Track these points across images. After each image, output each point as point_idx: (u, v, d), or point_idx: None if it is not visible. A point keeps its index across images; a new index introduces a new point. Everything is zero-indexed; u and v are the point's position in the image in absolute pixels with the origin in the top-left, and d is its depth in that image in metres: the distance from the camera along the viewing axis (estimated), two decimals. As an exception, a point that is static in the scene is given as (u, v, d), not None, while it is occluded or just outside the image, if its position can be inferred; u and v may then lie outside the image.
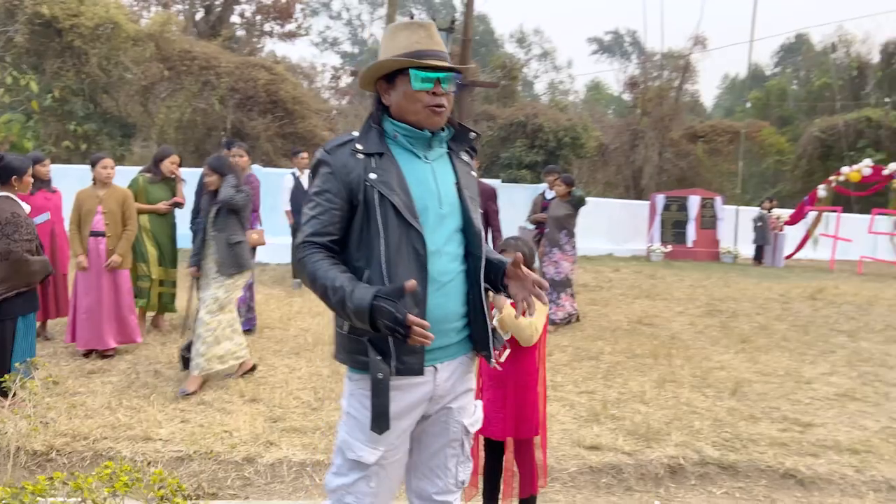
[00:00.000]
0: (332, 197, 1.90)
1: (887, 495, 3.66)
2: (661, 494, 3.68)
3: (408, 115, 1.92)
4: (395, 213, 1.86)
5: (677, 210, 15.52)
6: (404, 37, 1.93)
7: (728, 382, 5.40)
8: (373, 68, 1.94)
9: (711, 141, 19.91)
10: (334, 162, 1.91)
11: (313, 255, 1.88)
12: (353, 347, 1.92)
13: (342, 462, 1.96)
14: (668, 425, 4.39)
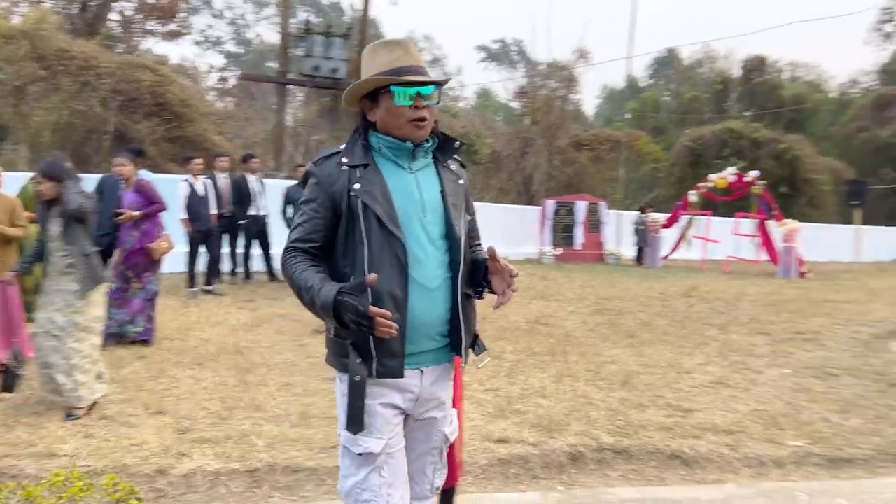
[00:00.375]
0: (316, 206, 2.00)
1: (758, 470, 4.11)
2: (564, 480, 3.95)
3: (393, 130, 2.00)
4: (377, 221, 1.95)
5: (566, 214, 16.31)
6: (384, 55, 2.02)
7: (618, 375, 5.82)
8: (356, 88, 2.03)
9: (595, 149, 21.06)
10: (320, 173, 2.02)
11: (294, 258, 2.00)
12: (338, 350, 2.02)
13: (350, 462, 2.01)
14: (568, 416, 4.70)
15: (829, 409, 5.12)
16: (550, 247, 15.93)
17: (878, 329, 8.49)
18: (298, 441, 4.10)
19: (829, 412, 5.05)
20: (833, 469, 4.10)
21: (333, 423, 4.41)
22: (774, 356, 6.85)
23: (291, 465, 3.81)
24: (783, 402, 5.28)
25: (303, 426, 4.37)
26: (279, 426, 4.34)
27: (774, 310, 9.71)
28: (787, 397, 5.42)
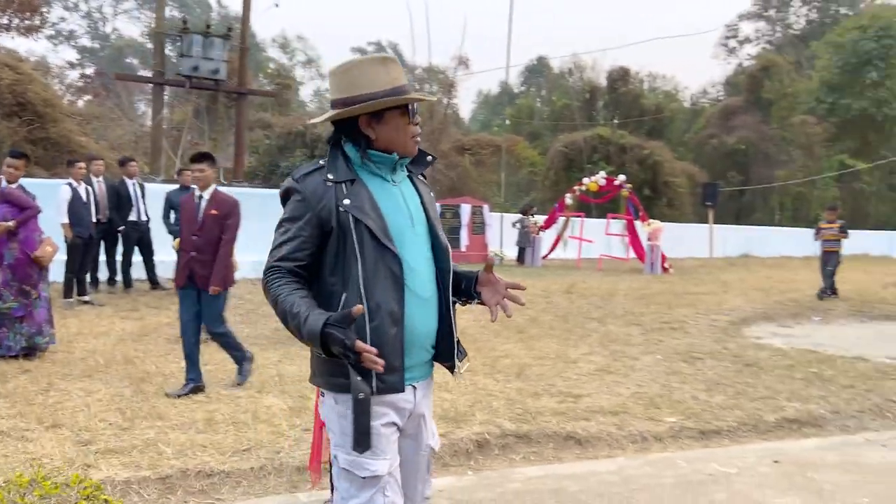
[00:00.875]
0: (302, 224, 1.93)
1: (642, 444, 4.54)
2: (472, 465, 4.20)
3: (397, 147, 1.99)
4: (370, 235, 1.92)
5: (451, 217, 16.75)
6: (382, 73, 1.99)
7: (513, 367, 6.18)
8: (374, 104, 1.95)
9: (477, 153, 21.75)
10: (305, 189, 1.94)
11: (278, 279, 1.91)
12: (331, 370, 1.92)
13: (350, 485, 1.93)
14: (472, 407, 4.97)
15: (697, 389, 5.72)
16: (437, 248, 16.31)
17: (732, 317, 9.49)
18: (208, 446, 4.08)
19: (697, 391, 5.65)
20: (704, 440, 4.62)
21: (243, 428, 4.42)
22: (647, 344, 7.51)
23: (204, 470, 3.80)
24: (658, 384, 5.84)
25: (210, 432, 4.34)
26: (186, 433, 4.29)
27: (644, 303, 10.55)
28: (661, 380, 5.99)
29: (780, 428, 4.84)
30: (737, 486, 3.57)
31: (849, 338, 8.25)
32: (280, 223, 1.97)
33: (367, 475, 1.90)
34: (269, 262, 1.94)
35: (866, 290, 12.57)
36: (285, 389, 5.40)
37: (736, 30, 48.16)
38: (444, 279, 2.06)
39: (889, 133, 33.58)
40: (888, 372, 6.40)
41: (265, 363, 6.11)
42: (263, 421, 4.61)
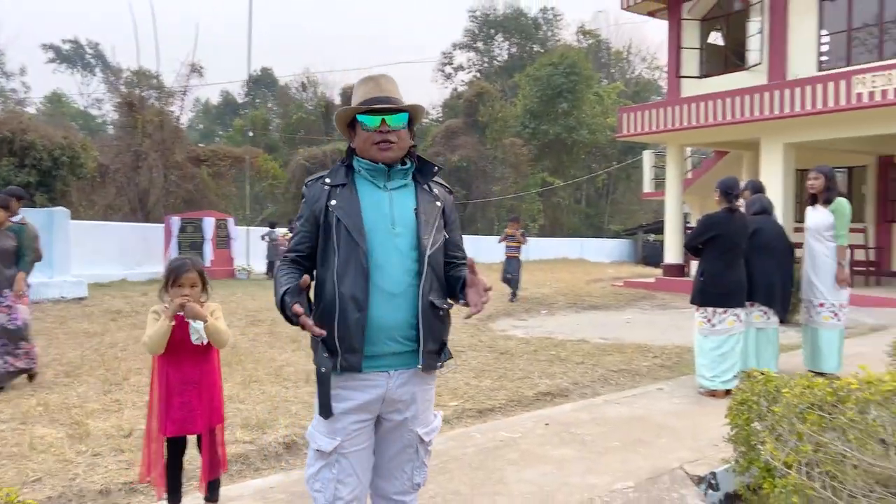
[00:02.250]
0: (304, 221, 2.28)
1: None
2: (283, 466, 4.33)
3: (366, 154, 2.25)
4: (346, 232, 2.17)
5: (193, 231, 15.95)
6: (361, 90, 2.32)
7: (299, 374, 6.33)
8: (337, 120, 2.34)
9: (215, 165, 20.89)
10: (308, 192, 2.29)
11: (283, 267, 2.25)
12: (313, 346, 2.22)
13: (311, 454, 2.23)
14: (272, 414, 5.05)
15: (468, 376, 6.45)
16: (179, 265, 15.41)
17: (478, 315, 10.62)
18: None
19: (468, 378, 6.38)
20: (483, 417, 5.28)
21: (21, 461, 4.05)
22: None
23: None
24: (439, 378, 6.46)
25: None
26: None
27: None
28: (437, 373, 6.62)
29: (538, 400, 5.72)
30: (523, 447, 4.25)
31: (571, 325, 9.82)
32: (294, 220, 2.43)
33: (316, 447, 2.19)
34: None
35: (575, 286, 14.88)
36: (55, 418, 4.94)
37: (451, 57, 52.79)
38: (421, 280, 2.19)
39: (577, 156, 39.60)
40: (605, 349, 7.82)
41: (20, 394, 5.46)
42: (42, 451, 4.22)
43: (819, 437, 2.74)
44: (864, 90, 10.80)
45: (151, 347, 3.03)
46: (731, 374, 5.39)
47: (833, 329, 6.02)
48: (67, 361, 6.82)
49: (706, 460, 3.96)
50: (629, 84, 48.16)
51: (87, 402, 5.34)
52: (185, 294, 3.04)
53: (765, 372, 3.45)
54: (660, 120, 13.95)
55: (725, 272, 5.29)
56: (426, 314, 2.18)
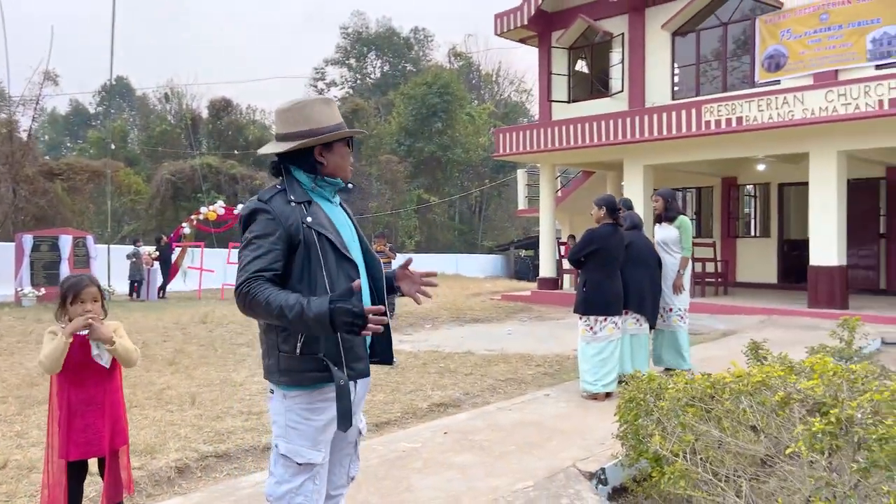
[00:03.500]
0: (275, 240, 2.15)
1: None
2: (176, 491, 4.16)
3: (340, 172, 2.33)
4: (331, 248, 2.21)
5: (49, 250, 14.75)
6: (329, 111, 2.33)
7: (183, 397, 6.07)
8: (325, 137, 2.27)
9: (70, 179, 19.42)
10: (274, 209, 2.19)
11: (262, 285, 2.08)
12: (305, 367, 2.15)
13: (284, 471, 2.20)
14: (159, 438, 4.82)
15: (360, 391, 6.47)
16: (31, 287, 14.18)
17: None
18: None
19: (361, 393, 6.40)
20: (379, 430, 5.32)
21: None
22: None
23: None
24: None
25: None
26: None
27: (283, 325, 11.05)
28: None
29: (432, 411, 5.85)
30: (426, 455, 4.35)
31: (456, 338, 10.06)
32: (250, 241, 2.17)
33: (303, 462, 2.19)
34: (245, 275, 2.10)
35: (456, 301, 15.22)
36: None
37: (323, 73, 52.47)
38: (378, 287, 2.39)
39: (451, 173, 40.56)
40: (491, 360, 8.11)
41: None
42: None
43: (700, 427, 3.07)
44: (711, 118, 11.97)
45: (48, 367, 2.86)
46: (610, 377, 5.79)
47: (682, 330, 6.68)
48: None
49: (595, 458, 4.24)
50: (499, 105, 50.05)
51: (-56, 437, 4.84)
52: (87, 310, 2.90)
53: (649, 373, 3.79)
54: (533, 141, 14.67)
55: (606, 283, 5.70)
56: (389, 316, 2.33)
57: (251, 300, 2.08)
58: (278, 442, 2.23)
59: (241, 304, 2.12)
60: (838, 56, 12.25)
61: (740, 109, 11.59)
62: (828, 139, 11.24)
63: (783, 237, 16.03)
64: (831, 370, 2.72)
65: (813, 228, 11.66)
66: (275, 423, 2.26)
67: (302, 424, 2.19)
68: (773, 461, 2.95)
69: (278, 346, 2.19)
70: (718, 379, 3.16)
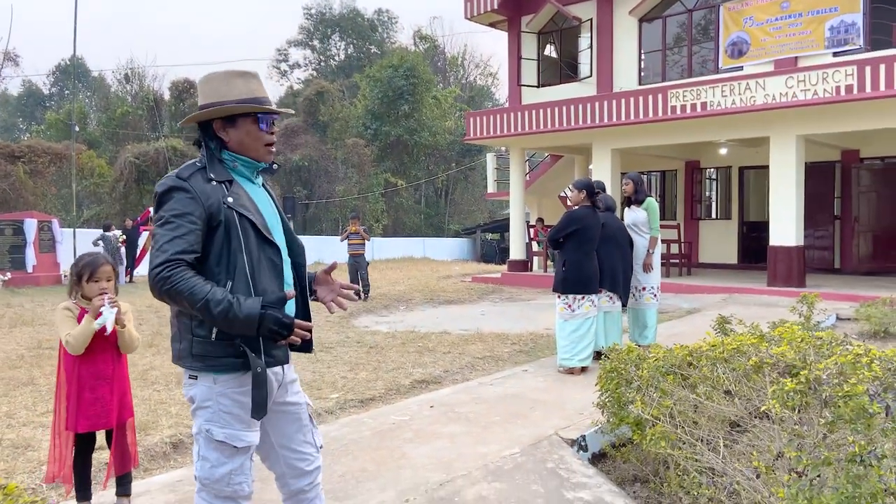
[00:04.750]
0: (194, 219, 2.03)
1: (319, 419, 5.20)
2: (172, 465, 4.27)
3: (249, 152, 2.19)
4: (253, 230, 2.12)
5: (13, 234, 14.47)
6: (241, 84, 2.17)
7: (168, 377, 6.15)
8: (219, 110, 2.13)
9: (31, 161, 18.96)
10: (193, 188, 2.06)
11: (184, 272, 1.98)
12: (221, 352, 2.08)
13: (220, 454, 2.13)
14: (152, 416, 4.92)
15: (343, 370, 6.61)
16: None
17: (339, 313, 10.76)
18: None
19: (344, 372, 6.54)
20: (365, 406, 5.49)
21: None
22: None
23: None
24: (310, 372, 6.54)
25: None
26: None
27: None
28: (310, 368, 6.71)
29: (414, 388, 6.03)
30: (415, 427, 4.53)
31: (431, 319, 10.25)
32: (167, 220, 2.04)
33: (242, 445, 2.15)
34: (163, 256, 1.99)
35: (427, 283, 15.40)
36: None
37: (286, 54, 51.78)
38: (301, 273, 2.32)
39: (418, 157, 40.57)
40: (468, 339, 8.32)
41: None
42: None
43: (678, 392, 3.31)
44: (677, 103, 12.31)
45: (75, 347, 2.97)
46: (586, 352, 6.05)
47: (653, 308, 6.96)
48: None
49: (576, 426, 4.48)
50: (465, 89, 50.09)
51: (-68, 418, 4.86)
52: (103, 288, 3.00)
53: (628, 345, 4.03)
54: (503, 125, 14.86)
55: (584, 262, 5.94)
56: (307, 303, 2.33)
57: (171, 288, 1.97)
58: (211, 427, 2.13)
59: (158, 289, 1.99)
60: (798, 43, 12.68)
61: (704, 95, 11.94)
62: (787, 124, 11.67)
63: (743, 219, 16.56)
64: (799, 337, 2.98)
65: (772, 210, 12.12)
66: (202, 408, 2.14)
67: (237, 408, 2.12)
68: (745, 423, 3.21)
69: (192, 329, 2.09)
70: (695, 348, 3.40)
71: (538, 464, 3.89)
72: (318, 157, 33.93)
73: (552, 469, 3.82)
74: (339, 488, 3.50)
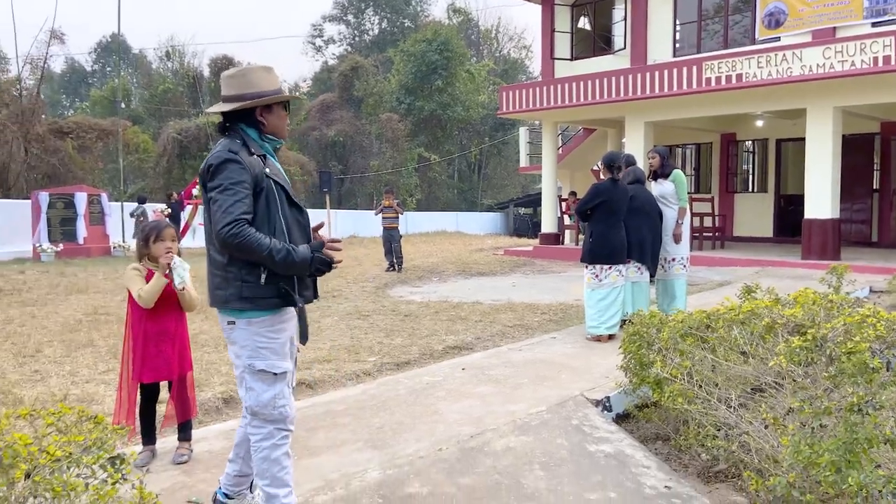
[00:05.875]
0: (247, 185, 2.48)
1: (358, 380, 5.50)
2: (223, 419, 4.63)
3: (279, 132, 2.71)
4: (285, 195, 2.62)
5: (64, 207, 15.10)
6: (271, 77, 2.68)
7: (217, 340, 6.51)
8: (262, 100, 2.60)
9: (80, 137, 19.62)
10: (243, 160, 2.50)
11: (248, 228, 2.43)
12: (267, 293, 2.53)
13: (263, 383, 2.59)
14: (204, 375, 5.29)
15: (379, 336, 6.92)
16: (48, 242, 14.57)
17: (375, 283, 11.09)
18: None
19: (380, 338, 6.85)
20: (400, 369, 5.78)
21: None
22: (321, 310, 8.47)
23: None
24: (347, 337, 6.87)
25: None
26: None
27: (297, 279, 11.48)
28: (348, 334, 7.04)
29: (447, 353, 6.29)
30: (448, 387, 4.81)
31: (463, 290, 10.51)
32: (227, 187, 2.45)
33: (279, 371, 2.61)
34: (230, 217, 2.41)
35: (460, 256, 15.65)
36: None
37: (321, 30, 51.94)
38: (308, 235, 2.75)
39: (451, 131, 40.60)
40: (499, 309, 8.55)
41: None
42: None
43: (696, 353, 3.51)
44: (712, 75, 12.22)
45: (147, 301, 3.33)
46: (613, 321, 6.25)
47: (682, 278, 7.07)
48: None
49: (601, 389, 4.70)
50: (498, 62, 49.73)
51: (6, 374, 5.30)
52: (168, 247, 3.32)
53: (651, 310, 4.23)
54: (536, 98, 14.91)
55: (610, 234, 6.11)
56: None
57: (242, 241, 2.39)
58: (252, 361, 2.58)
59: (231, 244, 2.41)
60: (836, 13, 12.44)
61: (740, 66, 11.83)
62: (825, 95, 11.52)
63: (780, 192, 16.39)
64: (811, 300, 3.15)
65: (808, 183, 12.02)
66: (243, 348, 2.59)
67: (271, 343, 2.57)
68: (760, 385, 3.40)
69: (242, 277, 2.50)
70: (713, 311, 3.59)
71: (563, 421, 4.13)
72: (353, 132, 34.24)
73: (576, 426, 4.06)
74: (378, 438, 3.80)
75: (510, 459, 3.53)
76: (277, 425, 2.62)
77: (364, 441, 3.77)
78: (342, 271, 12.47)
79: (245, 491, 2.83)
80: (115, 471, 1.82)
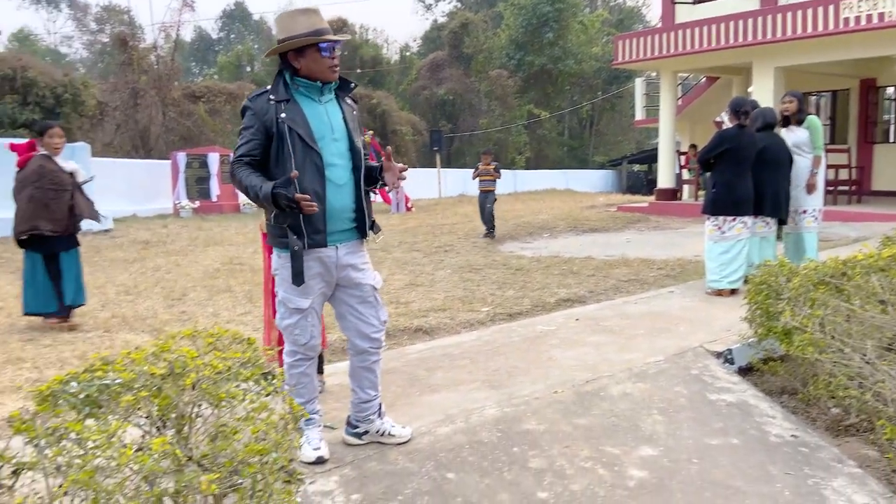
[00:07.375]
0: (254, 131, 2.69)
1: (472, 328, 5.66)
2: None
3: (316, 74, 2.74)
4: (300, 139, 2.68)
5: (199, 167, 16.20)
6: (304, 20, 2.71)
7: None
8: (289, 44, 2.68)
9: (211, 101, 20.87)
10: (254, 106, 2.71)
11: (242, 168, 2.71)
12: (278, 232, 2.73)
13: (285, 310, 2.83)
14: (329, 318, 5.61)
15: (491, 288, 7.04)
16: (186, 200, 15.73)
17: (486, 239, 11.21)
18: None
19: (492, 290, 6.96)
20: (513, 319, 5.87)
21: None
22: (434, 264, 8.71)
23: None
24: (460, 289, 7.03)
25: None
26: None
27: (411, 234, 11.81)
28: (461, 286, 7.20)
29: (559, 306, 6.31)
30: (561, 335, 4.86)
31: (575, 245, 10.42)
32: (240, 132, 2.76)
33: (293, 306, 2.80)
34: (234, 156, 2.74)
35: (571, 213, 15.44)
36: (134, 326, 5.49)
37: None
38: (358, 174, 2.86)
39: (562, 86, 39.61)
40: (612, 264, 8.43)
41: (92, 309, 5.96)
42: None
43: (830, 301, 3.35)
44: (850, 15, 11.20)
45: None
46: (737, 275, 6.01)
47: (814, 231, 6.63)
48: (121, 283, 7.31)
49: (722, 341, 4.58)
50: (613, 12, 47.70)
51: (158, 314, 5.86)
52: None
53: (780, 259, 4.05)
54: (655, 47, 14.26)
55: (736, 183, 5.84)
56: (364, 199, 2.88)
57: (234, 178, 2.72)
58: (278, 290, 2.83)
59: (230, 180, 2.83)
60: None
61: (882, 4, 10.75)
62: None
63: (928, 142, 14.92)
64: (963, 246, 2.91)
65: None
66: (276, 274, 2.84)
67: (289, 277, 2.73)
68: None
69: (267, 215, 2.79)
70: (849, 258, 3.40)
71: (682, 370, 4.08)
72: (463, 90, 34.15)
73: (696, 375, 4.00)
74: (494, 379, 3.92)
75: (627, 404, 3.55)
76: (294, 347, 2.86)
77: (481, 381, 3.90)
78: (451, 228, 12.69)
79: (373, 416, 3.02)
80: (267, 384, 2.02)
